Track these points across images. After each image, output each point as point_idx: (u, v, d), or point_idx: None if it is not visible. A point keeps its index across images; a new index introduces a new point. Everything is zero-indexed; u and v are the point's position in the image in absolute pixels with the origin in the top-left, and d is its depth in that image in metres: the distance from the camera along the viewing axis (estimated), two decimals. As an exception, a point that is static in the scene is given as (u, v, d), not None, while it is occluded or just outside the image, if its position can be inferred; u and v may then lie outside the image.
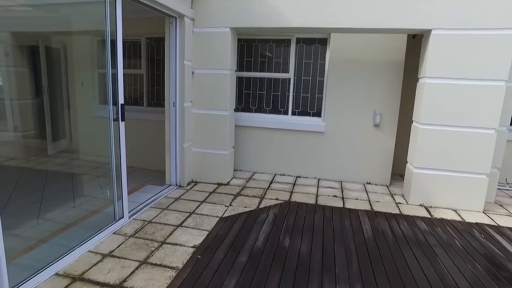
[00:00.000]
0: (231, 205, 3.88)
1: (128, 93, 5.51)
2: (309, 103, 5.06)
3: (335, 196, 4.33)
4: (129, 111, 5.30)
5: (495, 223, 3.61)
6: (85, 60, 3.52)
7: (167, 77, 4.24)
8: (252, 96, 5.27)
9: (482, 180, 3.84)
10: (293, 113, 5.13)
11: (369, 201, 4.20)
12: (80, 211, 3.41)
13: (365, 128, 4.79)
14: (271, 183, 4.78)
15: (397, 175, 5.35)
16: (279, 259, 2.73)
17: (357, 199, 4.25)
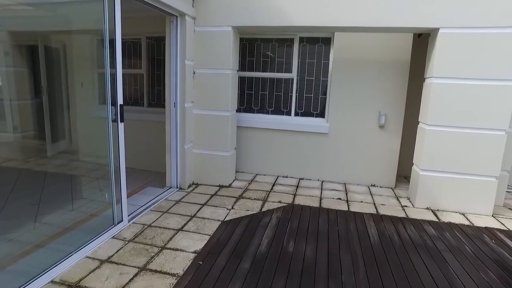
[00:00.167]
0: (233, 208, 3.79)
1: (128, 93, 5.44)
2: (312, 104, 4.97)
3: (340, 199, 4.23)
4: (129, 112, 5.26)
5: (505, 228, 3.50)
6: (84, 60, 3.46)
7: (167, 77, 4.15)
8: (254, 97, 5.18)
9: (491, 183, 3.73)
10: (296, 113, 5.03)
11: (374, 204, 4.10)
12: (78, 214, 3.33)
13: (369, 129, 4.69)
14: (273, 185, 4.68)
15: (401, 177, 5.25)
16: (284, 265, 2.64)
17: (362, 202, 4.16)
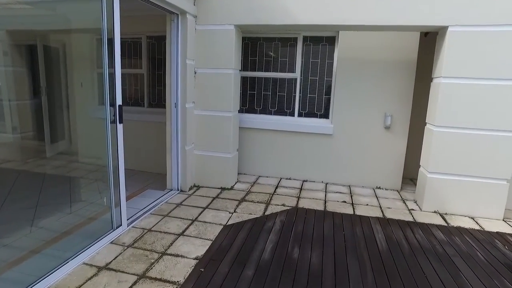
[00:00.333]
0: (235, 211, 3.68)
1: (129, 94, 5.34)
2: (316, 104, 4.86)
3: (344, 201, 4.12)
4: (129, 112, 5.16)
5: (516, 232, 3.39)
6: (84, 60, 3.38)
7: (168, 77, 4.05)
8: (256, 97, 5.07)
9: (502, 185, 3.62)
10: (300, 114, 4.93)
11: (380, 207, 3.99)
12: (76, 217, 3.24)
13: (375, 130, 4.58)
14: (276, 187, 4.58)
15: (407, 179, 5.13)
16: (289, 272, 2.53)
17: (367, 205, 4.05)
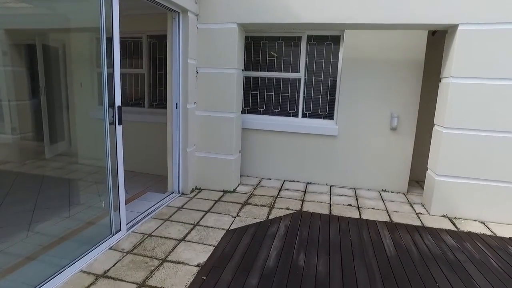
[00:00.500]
0: (238, 215, 3.58)
1: (129, 94, 5.25)
2: (320, 105, 4.75)
3: (350, 205, 4.01)
4: (130, 113, 5.08)
5: (530, 238, 3.28)
6: (83, 59, 3.28)
7: (169, 76, 3.95)
8: (259, 97, 4.97)
9: (514, 189, 3.51)
10: (304, 115, 4.82)
11: (387, 211, 3.88)
12: (74, 222, 3.15)
13: (381, 132, 4.47)
14: (280, 190, 4.47)
15: (413, 181, 5.02)
16: (294, 281, 2.42)
17: (373, 208, 3.94)
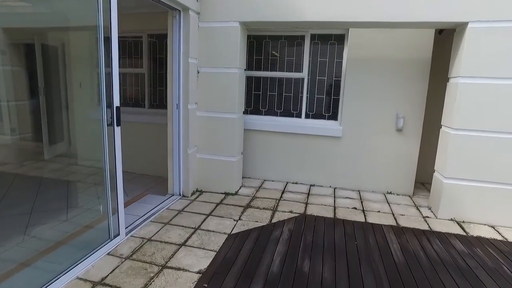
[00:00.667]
0: (240, 219, 3.48)
1: (129, 94, 5.16)
2: (324, 105, 4.65)
3: (355, 208, 3.91)
4: (129, 113, 5.00)
5: (542, 243, 3.17)
6: (83, 59, 3.19)
7: (170, 76, 3.86)
8: (262, 98, 4.87)
9: (525, 192, 3.41)
10: (307, 116, 4.72)
11: (393, 214, 3.78)
12: (72, 225, 3.06)
13: (386, 133, 4.37)
14: (283, 192, 4.37)
15: (418, 183, 4.91)
16: (300, 289, 2.33)
17: (379, 211, 3.83)
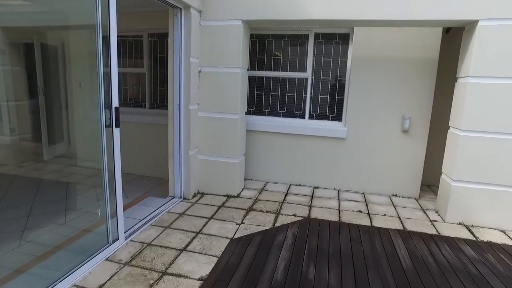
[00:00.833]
0: (242, 222, 3.39)
1: (129, 94, 5.08)
2: (328, 106, 4.55)
3: (360, 211, 3.81)
4: (130, 114, 4.93)
5: (555, 249, 3.07)
6: (82, 58, 3.12)
7: (170, 76, 3.77)
8: (265, 98, 4.78)
9: (537, 196, 3.30)
10: (311, 116, 4.62)
11: (399, 217, 3.68)
12: (70, 229, 2.97)
13: (392, 134, 4.26)
14: (286, 195, 4.27)
15: (424, 185, 4.81)
16: (305, 298, 2.24)
17: (385, 215, 3.74)
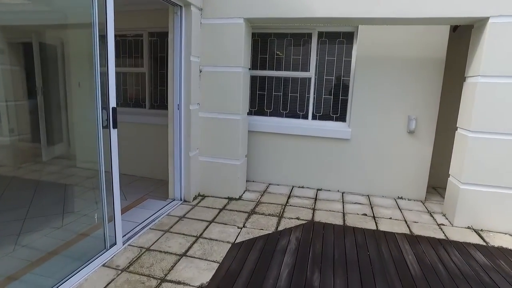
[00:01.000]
0: (244, 226, 3.29)
1: (129, 94, 5.00)
2: (332, 106, 4.45)
3: (365, 214, 3.71)
4: (130, 114, 4.86)
5: None
6: (82, 58, 3.05)
7: (170, 75, 3.68)
8: (267, 98, 4.68)
9: (549, 200, 3.19)
10: (314, 117, 4.52)
11: (406, 221, 3.58)
12: (66, 233, 2.89)
13: (397, 135, 4.16)
14: (289, 197, 4.18)
15: (429, 187, 4.70)
16: (310, 307, 2.14)
17: (390, 218, 3.63)
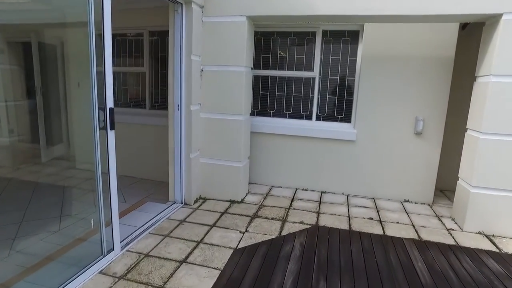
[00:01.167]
0: (247, 230, 3.18)
1: (129, 94, 4.92)
2: (336, 107, 4.34)
3: (371, 218, 3.59)
4: (129, 114, 4.78)
5: None
6: (81, 58, 2.95)
7: (171, 75, 3.58)
8: (270, 98, 4.57)
9: None
10: (318, 118, 4.41)
11: (413, 225, 3.46)
12: (62, 238, 2.80)
13: (404, 137, 4.04)
14: (292, 200, 4.06)
15: (436, 190, 4.56)
16: (316, 319, 2.03)
17: (397, 222, 3.52)
